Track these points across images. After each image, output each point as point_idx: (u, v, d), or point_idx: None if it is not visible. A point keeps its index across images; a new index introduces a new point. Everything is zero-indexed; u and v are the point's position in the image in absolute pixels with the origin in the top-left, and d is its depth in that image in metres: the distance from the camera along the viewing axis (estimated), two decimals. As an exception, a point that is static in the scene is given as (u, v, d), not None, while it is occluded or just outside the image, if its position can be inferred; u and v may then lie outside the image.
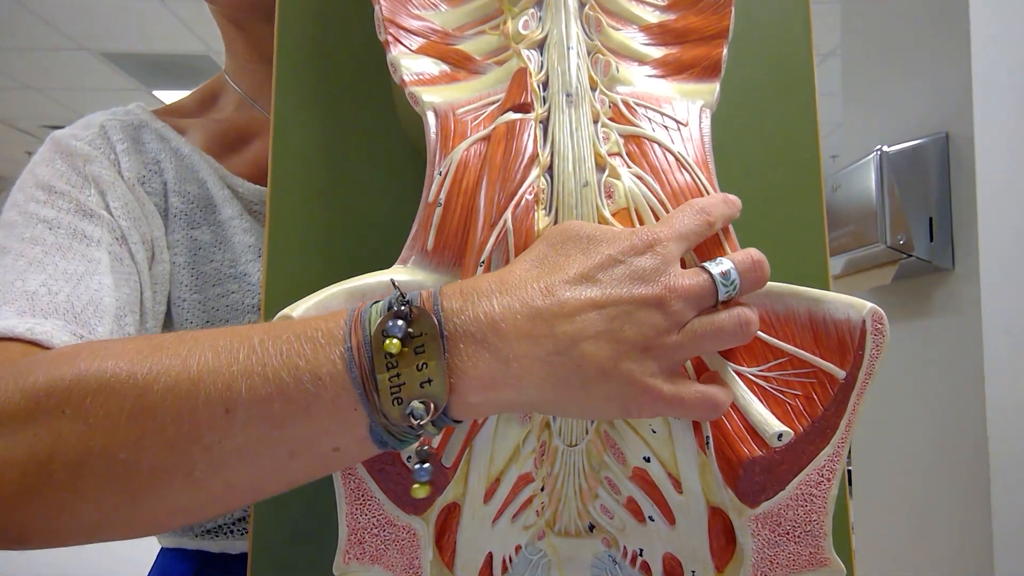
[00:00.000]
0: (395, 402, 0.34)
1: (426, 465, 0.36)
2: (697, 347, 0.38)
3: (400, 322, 0.34)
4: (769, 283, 0.42)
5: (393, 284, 0.37)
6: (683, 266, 0.40)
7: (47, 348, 0.44)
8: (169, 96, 4.62)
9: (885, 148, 1.29)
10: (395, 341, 0.34)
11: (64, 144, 0.58)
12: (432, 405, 0.34)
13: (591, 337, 0.36)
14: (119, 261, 0.54)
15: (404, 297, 0.35)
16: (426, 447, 0.37)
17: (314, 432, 0.35)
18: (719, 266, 0.39)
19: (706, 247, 0.42)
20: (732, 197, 0.43)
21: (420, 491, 0.36)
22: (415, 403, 0.34)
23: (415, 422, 0.34)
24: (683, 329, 0.37)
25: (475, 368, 0.34)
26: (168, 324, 0.60)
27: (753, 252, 0.40)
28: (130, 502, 0.35)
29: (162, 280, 0.59)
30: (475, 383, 0.35)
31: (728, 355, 0.42)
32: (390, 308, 0.35)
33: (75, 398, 0.35)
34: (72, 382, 0.35)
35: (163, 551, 0.63)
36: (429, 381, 0.34)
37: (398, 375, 0.34)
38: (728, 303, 0.39)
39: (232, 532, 0.59)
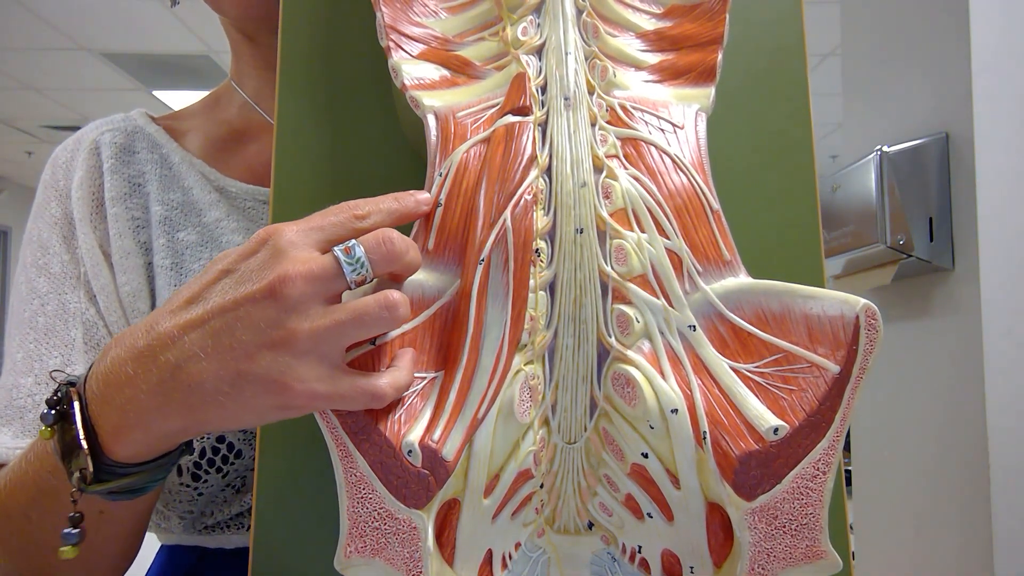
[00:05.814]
0: (79, 480, 0.40)
1: (75, 530, 0.41)
2: (341, 332, 0.36)
3: (51, 410, 0.40)
4: (765, 281, 0.43)
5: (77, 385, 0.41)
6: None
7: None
8: (169, 96, 4.63)
9: (885, 148, 1.29)
10: (47, 429, 0.40)
11: (55, 180, 0.63)
12: (89, 467, 0.39)
13: (195, 356, 0.36)
14: (93, 329, 0.59)
15: (66, 384, 0.41)
16: (77, 514, 0.41)
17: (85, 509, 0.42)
18: (344, 245, 0.37)
19: (704, 250, 0.42)
20: (409, 193, 0.41)
21: (68, 553, 0.40)
22: (75, 475, 0.39)
23: (87, 485, 0.39)
24: (322, 315, 0.36)
25: (107, 422, 0.39)
26: None
27: (384, 231, 0.38)
28: None
29: (137, 294, 0.60)
30: (108, 436, 0.39)
31: (725, 352, 0.42)
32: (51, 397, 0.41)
33: None
34: None
35: (162, 547, 0.64)
36: (76, 450, 0.39)
37: (61, 448, 0.40)
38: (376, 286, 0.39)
39: (228, 527, 0.60)
